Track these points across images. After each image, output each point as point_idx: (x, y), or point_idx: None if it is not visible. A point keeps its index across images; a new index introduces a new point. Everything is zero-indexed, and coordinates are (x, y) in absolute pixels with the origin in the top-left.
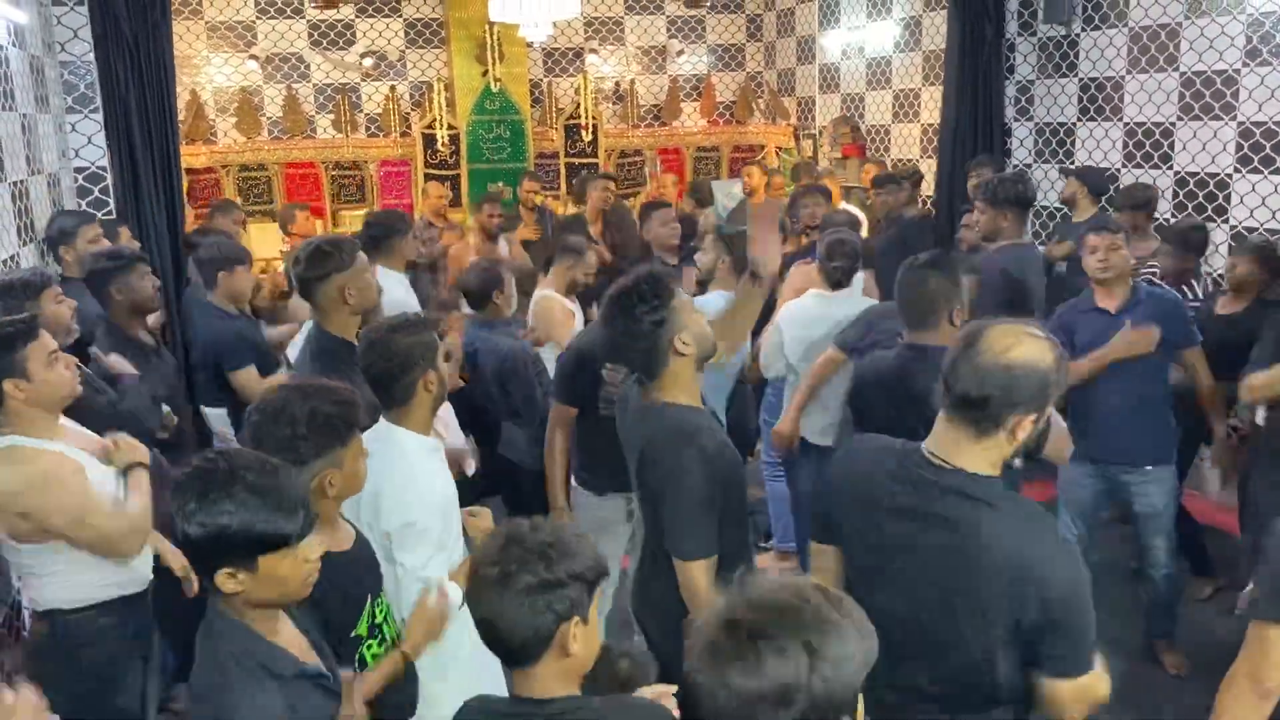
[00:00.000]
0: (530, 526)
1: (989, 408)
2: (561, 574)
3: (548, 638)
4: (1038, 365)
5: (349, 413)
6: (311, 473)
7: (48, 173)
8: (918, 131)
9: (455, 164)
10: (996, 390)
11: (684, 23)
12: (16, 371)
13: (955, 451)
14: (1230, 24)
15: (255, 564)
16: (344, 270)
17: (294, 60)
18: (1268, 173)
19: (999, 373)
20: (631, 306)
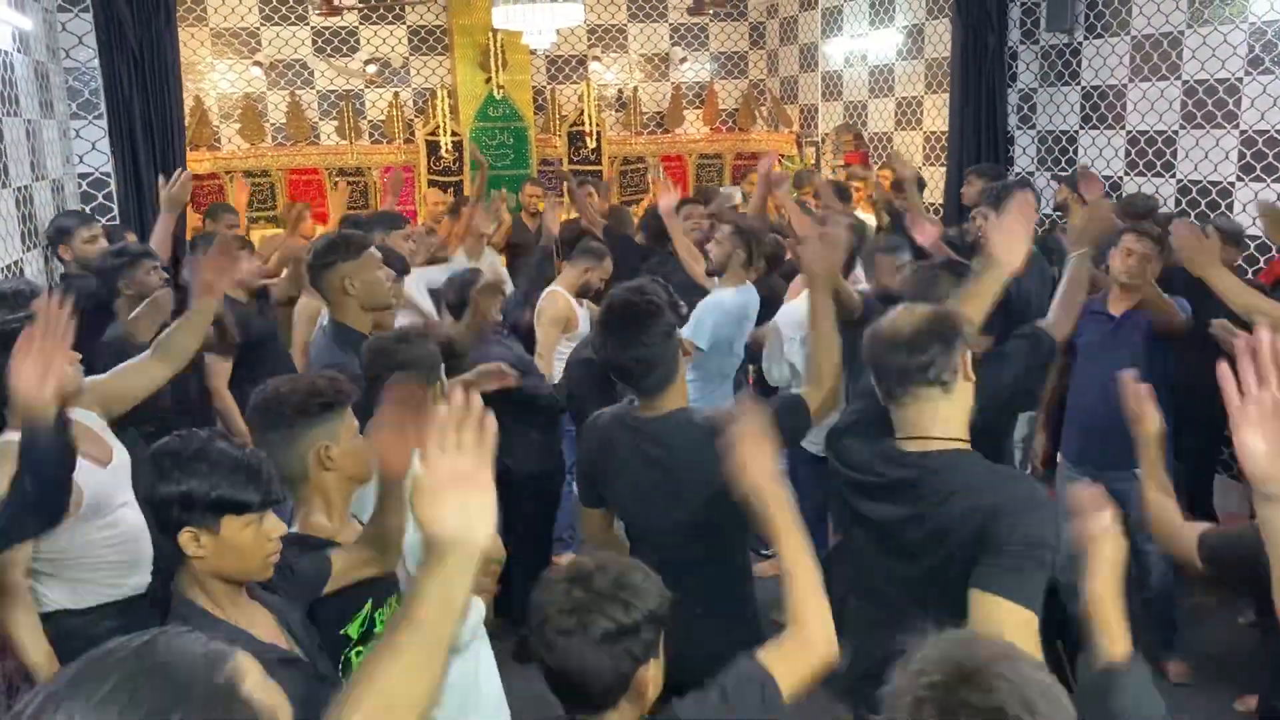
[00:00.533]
0: (596, 566)
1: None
2: (638, 617)
3: (626, 683)
4: (939, 311)
5: (336, 384)
6: (306, 443)
7: (52, 178)
8: (920, 139)
9: (459, 171)
10: (934, 344)
11: (687, 30)
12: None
13: (940, 423)
14: (1232, 33)
15: (217, 526)
16: (348, 261)
17: (298, 67)
18: (1270, 181)
19: (924, 331)
20: (649, 317)
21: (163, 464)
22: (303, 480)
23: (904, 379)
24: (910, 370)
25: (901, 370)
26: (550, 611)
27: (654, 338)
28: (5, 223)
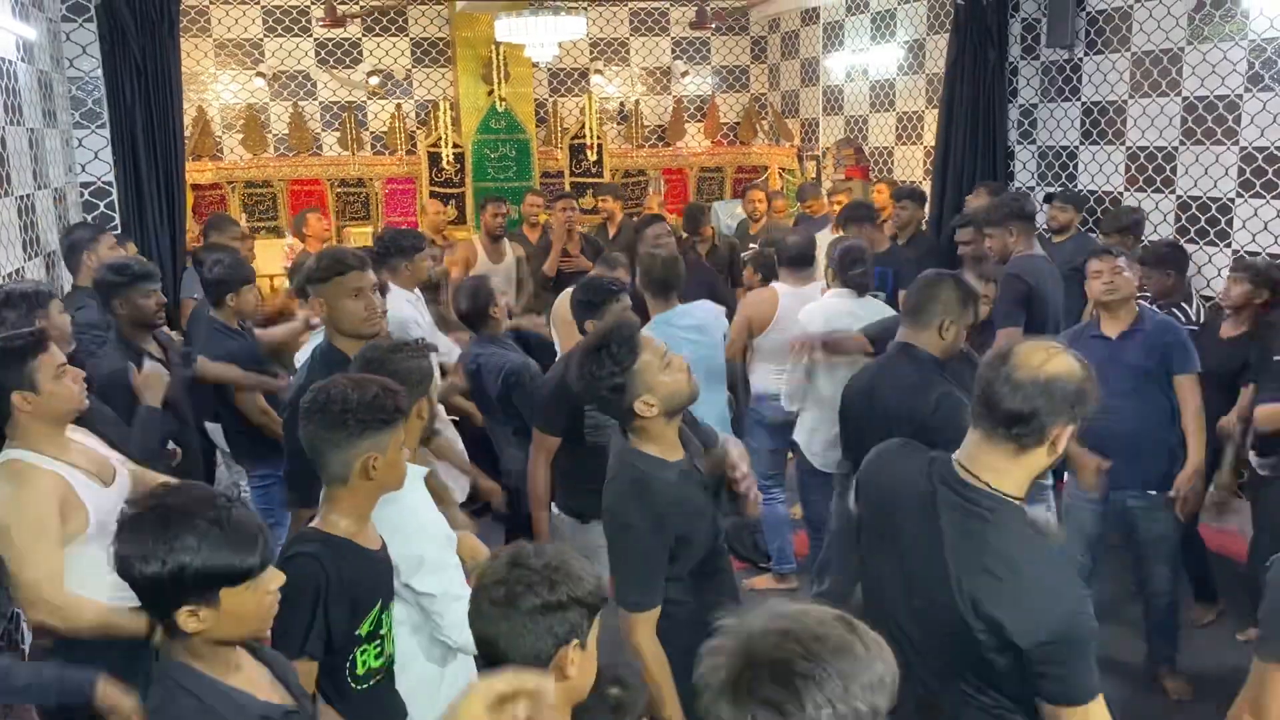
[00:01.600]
0: (535, 549)
1: (1034, 422)
2: (564, 596)
3: (546, 660)
4: (1073, 375)
5: (396, 398)
6: (357, 452)
7: (54, 187)
8: (920, 154)
9: (460, 182)
10: (1040, 403)
11: (689, 44)
12: (25, 384)
13: (991, 470)
14: (1232, 49)
15: (217, 599)
16: (319, 283)
17: (301, 78)
18: (1270, 197)
19: (1040, 386)
20: (593, 371)
21: (143, 542)
22: (341, 483)
23: (990, 416)
24: (1001, 412)
25: (990, 406)
26: (485, 582)
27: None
28: (7, 231)
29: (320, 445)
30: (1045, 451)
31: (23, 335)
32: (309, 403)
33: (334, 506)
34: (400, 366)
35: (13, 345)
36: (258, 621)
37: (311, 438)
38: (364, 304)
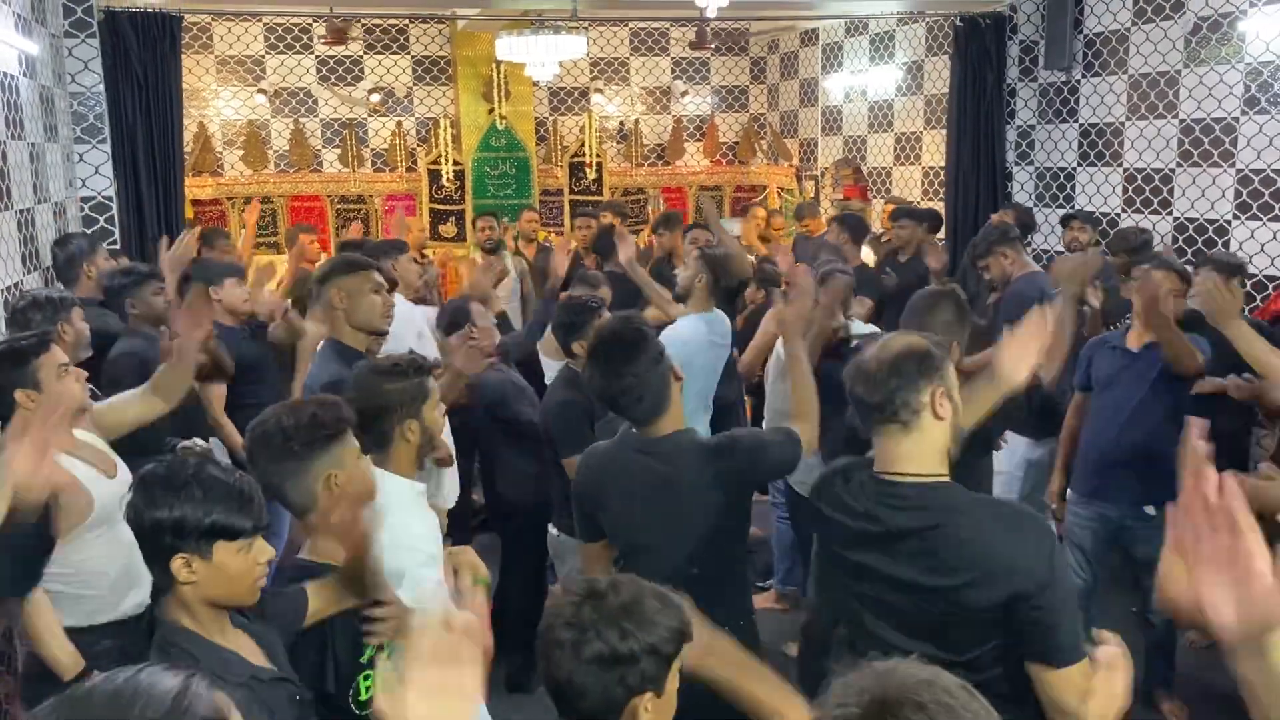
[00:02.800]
0: (610, 585)
1: (896, 399)
2: (634, 647)
3: (619, 709)
4: (912, 345)
5: (336, 410)
6: (313, 474)
7: (54, 201)
8: (919, 174)
9: (460, 199)
10: (892, 380)
11: (688, 64)
12: (28, 382)
13: (907, 459)
14: (1229, 73)
15: (210, 552)
16: (343, 276)
17: (302, 95)
18: (1266, 219)
19: (885, 368)
20: (635, 348)
21: (152, 490)
22: (312, 509)
23: (865, 414)
24: (868, 406)
25: (860, 404)
26: (555, 622)
27: (641, 366)
28: (7, 244)
29: (275, 481)
30: (931, 422)
31: (27, 336)
32: (250, 444)
33: (316, 535)
34: (384, 389)
35: (17, 345)
36: (246, 586)
37: (264, 476)
38: (382, 299)
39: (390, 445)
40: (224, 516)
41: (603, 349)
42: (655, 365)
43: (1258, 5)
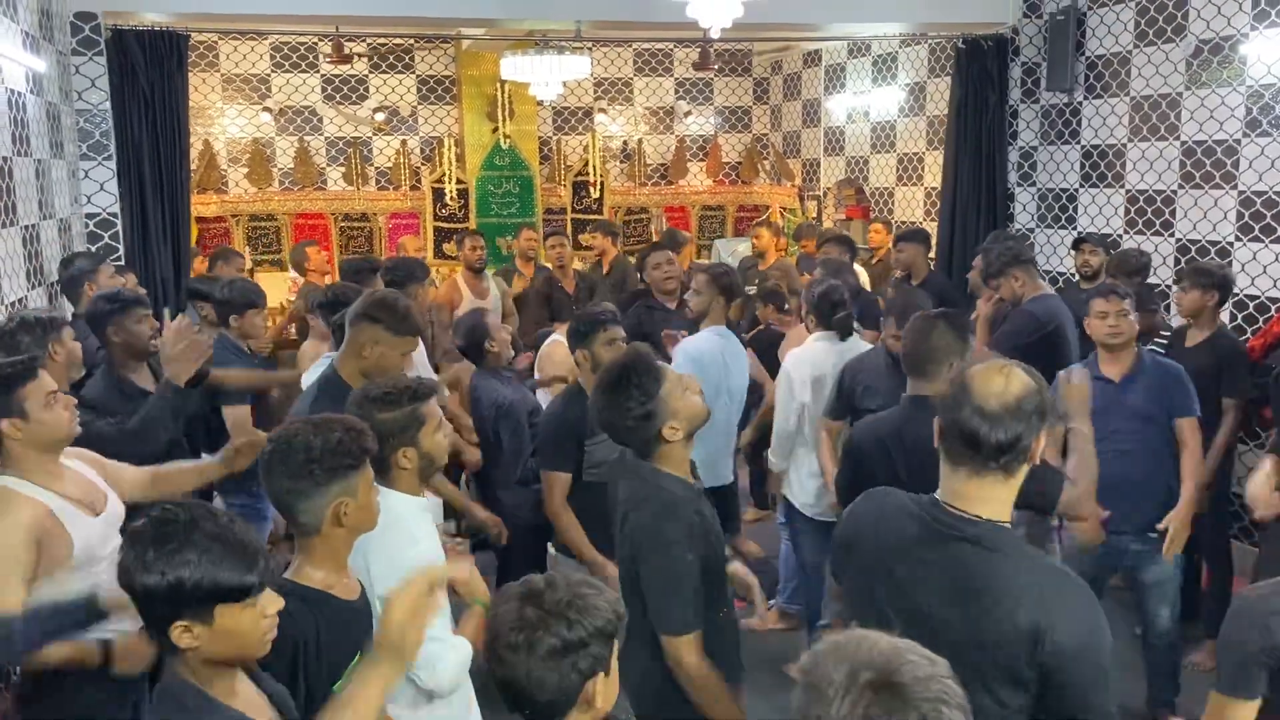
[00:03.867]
0: (546, 583)
1: (1019, 445)
2: (583, 634)
3: (574, 696)
4: (1032, 388)
5: (361, 439)
6: (326, 499)
7: (59, 217)
8: (921, 195)
9: (464, 218)
10: (1020, 426)
11: (692, 85)
12: (14, 411)
13: (982, 502)
14: (1230, 95)
15: (212, 616)
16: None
17: (307, 113)
18: (1269, 241)
19: (1012, 410)
20: (619, 400)
21: (143, 552)
22: (314, 533)
23: (973, 453)
24: (983, 448)
25: (975, 443)
26: (501, 628)
27: (622, 414)
28: (11, 261)
29: (287, 497)
30: (1027, 467)
31: (13, 363)
32: (269, 454)
33: (309, 558)
34: (379, 418)
35: (2, 373)
36: (254, 643)
37: (277, 490)
38: (406, 366)
39: (389, 472)
40: (225, 577)
41: (606, 377)
42: (643, 420)
43: (1259, 28)
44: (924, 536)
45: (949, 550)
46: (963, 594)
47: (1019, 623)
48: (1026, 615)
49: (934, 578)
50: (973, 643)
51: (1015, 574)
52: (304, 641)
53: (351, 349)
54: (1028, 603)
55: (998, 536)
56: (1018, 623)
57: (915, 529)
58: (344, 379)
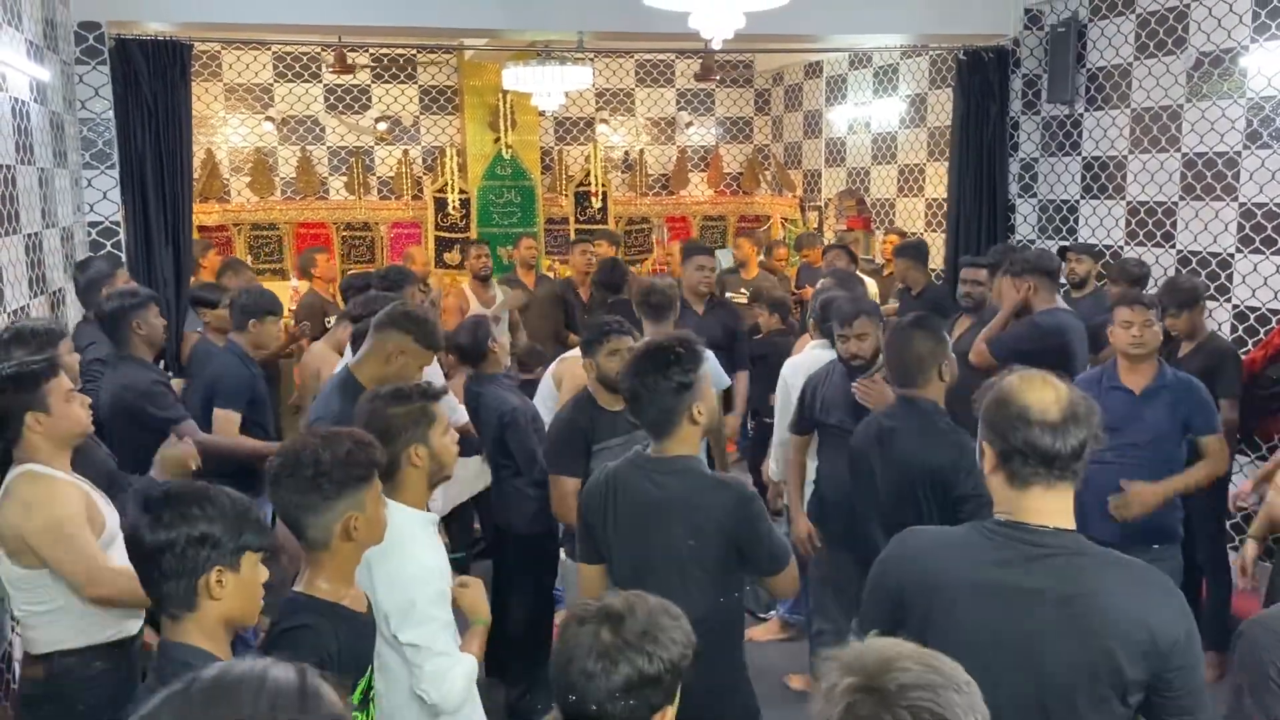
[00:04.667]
0: (626, 609)
1: (1085, 450)
2: (660, 668)
3: None
4: (1080, 395)
5: (369, 453)
6: (336, 514)
7: (62, 226)
8: (922, 206)
9: (465, 228)
10: (1084, 432)
11: (693, 95)
12: (38, 405)
13: (1054, 514)
14: (1231, 107)
15: (239, 565)
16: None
17: (309, 123)
18: (1269, 253)
19: (1074, 417)
20: (665, 364)
21: (174, 510)
22: (324, 547)
23: (1046, 467)
24: (1056, 461)
25: (1046, 458)
26: (577, 652)
27: (660, 380)
28: (14, 269)
29: (296, 512)
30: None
31: (37, 360)
32: (277, 467)
33: (318, 571)
34: (390, 413)
35: (29, 369)
36: (255, 603)
37: (285, 504)
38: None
39: (399, 471)
40: (249, 526)
41: (643, 351)
42: (673, 387)
43: (1259, 40)
44: (1013, 560)
45: (1047, 565)
46: (1070, 608)
47: (1128, 621)
48: (1134, 612)
49: (1034, 600)
50: (1083, 657)
51: (1110, 579)
52: (327, 654)
53: (377, 354)
54: (1132, 601)
55: (1084, 543)
56: (1128, 621)
57: (997, 555)
58: (361, 382)
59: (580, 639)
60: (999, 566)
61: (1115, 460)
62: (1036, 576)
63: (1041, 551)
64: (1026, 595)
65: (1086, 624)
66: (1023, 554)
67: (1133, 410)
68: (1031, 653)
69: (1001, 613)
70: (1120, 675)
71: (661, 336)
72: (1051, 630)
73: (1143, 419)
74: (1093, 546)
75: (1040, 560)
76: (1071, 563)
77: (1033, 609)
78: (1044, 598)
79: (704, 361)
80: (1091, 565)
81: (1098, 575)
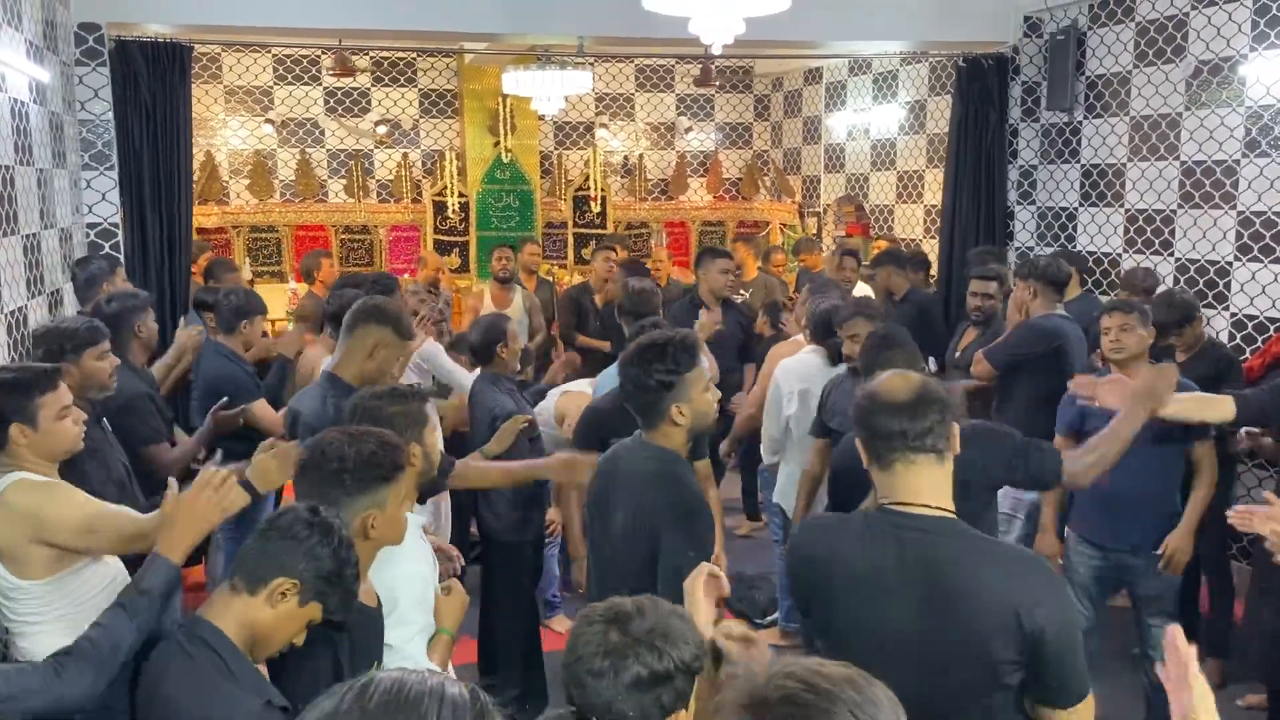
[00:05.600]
0: (635, 609)
1: (942, 424)
2: (670, 665)
3: None
4: (928, 380)
5: (395, 454)
6: (355, 511)
7: (60, 227)
8: (920, 212)
9: (464, 231)
10: (933, 409)
11: (693, 101)
12: (25, 417)
13: (927, 492)
14: (1230, 116)
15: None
16: (395, 337)
17: (309, 125)
18: (1268, 261)
19: (922, 396)
20: (649, 360)
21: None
22: None
23: (901, 443)
24: (909, 435)
25: (900, 435)
26: (585, 651)
27: (643, 372)
28: (12, 269)
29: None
30: (951, 455)
31: (35, 370)
32: (304, 459)
33: None
34: (388, 412)
35: (21, 378)
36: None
37: (306, 496)
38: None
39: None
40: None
41: (650, 338)
42: (653, 384)
43: (1258, 49)
44: (890, 549)
45: (921, 553)
46: (946, 594)
47: (998, 603)
48: (1004, 595)
49: (910, 588)
50: (968, 640)
51: (984, 563)
52: (343, 646)
53: (358, 351)
54: (1002, 583)
55: (957, 527)
56: (997, 603)
57: (875, 545)
58: (348, 381)
59: (589, 638)
60: (875, 555)
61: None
62: (909, 564)
63: (913, 537)
64: (900, 582)
65: (957, 608)
66: (896, 540)
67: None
68: (907, 639)
69: (877, 601)
70: (993, 657)
71: (659, 331)
72: (924, 615)
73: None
74: (965, 530)
75: (912, 546)
76: (941, 546)
77: (905, 596)
78: (915, 583)
79: (697, 364)
80: (961, 548)
81: (967, 558)
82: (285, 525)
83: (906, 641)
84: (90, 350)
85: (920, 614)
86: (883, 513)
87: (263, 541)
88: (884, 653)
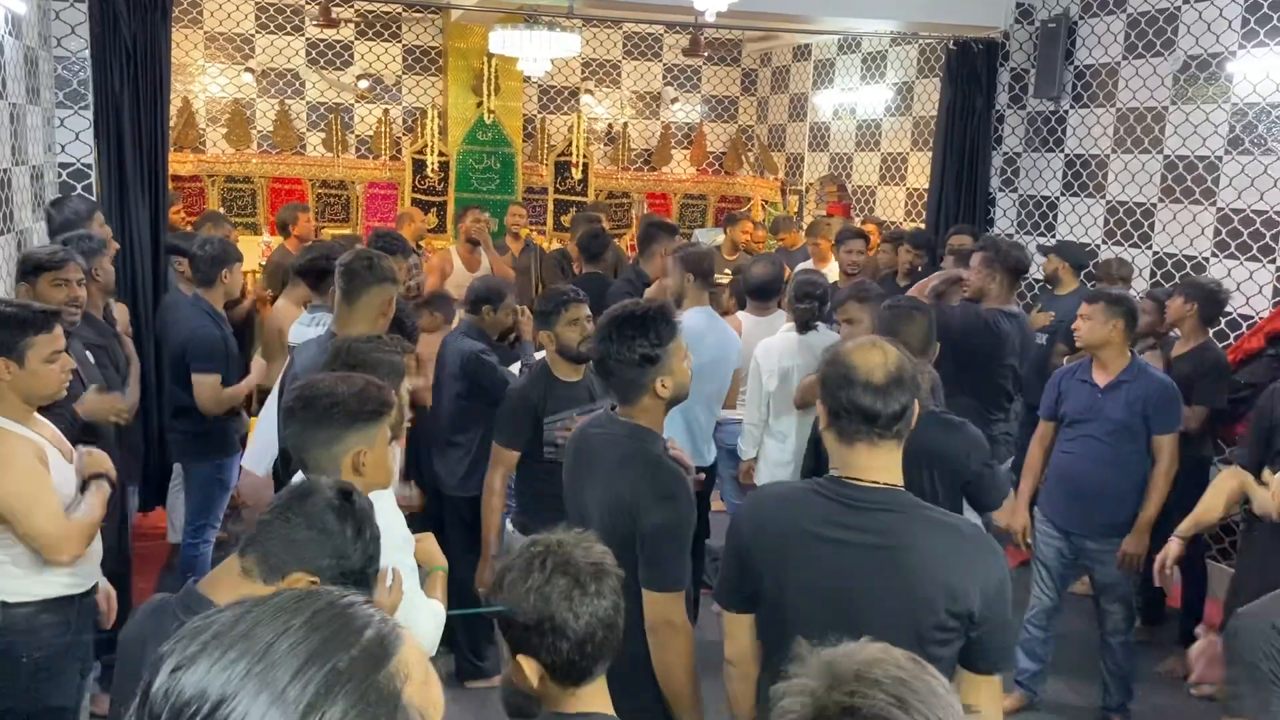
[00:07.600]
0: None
1: (908, 411)
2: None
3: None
4: (905, 360)
5: (383, 392)
6: (346, 447)
7: (32, 164)
8: (903, 195)
9: (443, 191)
10: (905, 396)
11: (680, 71)
12: (13, 354)
13: (883, 470)
14: (1215, 112)
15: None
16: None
17: (289, 76)
18: (1244, 259)
19: (896, 380)
20: (629, 335)
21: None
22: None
23: (869, 427)
24: (879, 420)
25: (870, 418)
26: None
27: (623, 349)
28: None
29: (306, 443)
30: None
31: (32, 309)
32: (293, 400)
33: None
34: (371, 357)
35: (16, 315)
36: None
37: (297, 436)
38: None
39: None
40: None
41: (624, 312)
42: (635, 359)
43: (1246, 47)
44: (837, 513)
45: (867, 520)
46: (887, 559)
47: (936, 579)
48: (947, 566)
49: (855, 551)
50: (901, 606)
51: (926, 533)
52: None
53: (370, 309)
54: (941, 560)
55: (904, 499)
56: (935, 579)
57: (825, 509)
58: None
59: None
60: (824, 522)
61: (1076, 451)
62: (855, 531)
63: (863, 506)
64: (847, 549)
65: (901, 575)
66: (846, 509)
67: (1095, 403)
68: (851, 603)
69: (824, 566)
70: (933, 624)
71: (632, 303)
72: (869, 581)
73: (1102, 412)
74: (914, 502)
75: (862, 514)
76: (890, 518)
77: (851, 561)
78: (862, 550)
79: (676, 335)
80: (909, 520)
81: (914, 530)
82: (313, 512)
83: (841, 601)
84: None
85: (858, 577)
86: (834, 483)
87: (285, 526)
88: (815, 610)
